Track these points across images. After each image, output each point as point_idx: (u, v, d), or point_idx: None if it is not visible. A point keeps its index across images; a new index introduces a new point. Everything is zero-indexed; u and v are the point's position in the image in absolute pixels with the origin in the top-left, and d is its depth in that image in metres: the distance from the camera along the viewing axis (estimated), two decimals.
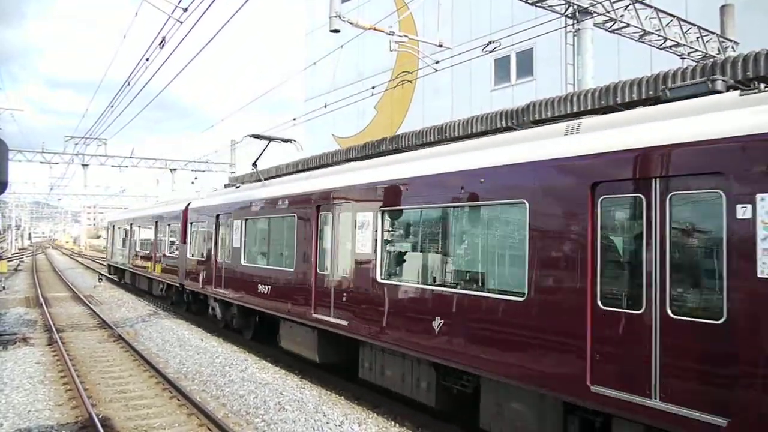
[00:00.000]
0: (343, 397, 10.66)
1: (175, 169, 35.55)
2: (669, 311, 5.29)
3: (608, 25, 14.60)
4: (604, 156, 5.88)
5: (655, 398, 5.30)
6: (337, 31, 13.55)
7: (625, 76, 10.92)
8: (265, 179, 15.86)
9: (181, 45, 11.58)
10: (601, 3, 13.89)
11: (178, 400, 10.40)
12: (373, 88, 17.49)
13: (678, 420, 5.11)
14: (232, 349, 14.78)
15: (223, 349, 14.75)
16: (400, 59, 26.88)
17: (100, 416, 9.28)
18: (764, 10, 17.44)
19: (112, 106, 17.97)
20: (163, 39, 11.28)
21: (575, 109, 11.01)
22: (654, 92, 9.51)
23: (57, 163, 33.30)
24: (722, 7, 17.07)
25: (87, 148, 32.34)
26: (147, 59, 12.34)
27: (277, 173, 20.15)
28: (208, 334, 17.14)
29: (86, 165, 32.60)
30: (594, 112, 10.31)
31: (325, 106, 18.98)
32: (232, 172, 34.90)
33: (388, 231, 9.49)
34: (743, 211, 4.81)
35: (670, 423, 5.19)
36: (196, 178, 36.61)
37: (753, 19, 17.26)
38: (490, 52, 13.84)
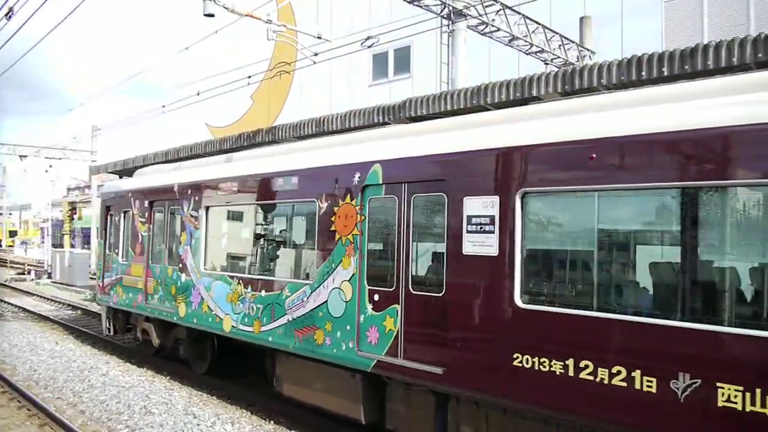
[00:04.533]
0: (215, 397, 10.26)
1: (25, 156, 32.38)
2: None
3: (481, 27, 15.25)
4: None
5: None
6: (211, 15, 12.97)
7: (495, 78, 11.45)
8: None
9: (36, 18, 10.49)
10: (474, 6, 14.46)
11: (29, 410, 9.45)
12: (249, 77, 16.97)
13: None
14: (92, 352, 13.71)
15: (82, 352, 13.63)
16: (278, 49, 26.35)
17: None
18: (616, 24, 19.12)
19: None
20: (11, 10, 10.15)
21: (449, 108, 11.35)
22: (521, 94, 10.06)
23: None
24: (581, 19, 18.47)
25: None
26: None
27: None
28: (65, 336, 15.78)
29: None
30: (467, 111, 10.70)
31: (198, 94, 18.15)
32: (93, 161, 32.41)
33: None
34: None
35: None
36: (50, 166, 33.63)
37: (607, 30, 18.86)
38: (369, 47, 13.94)
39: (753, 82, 5.00)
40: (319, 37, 15.73)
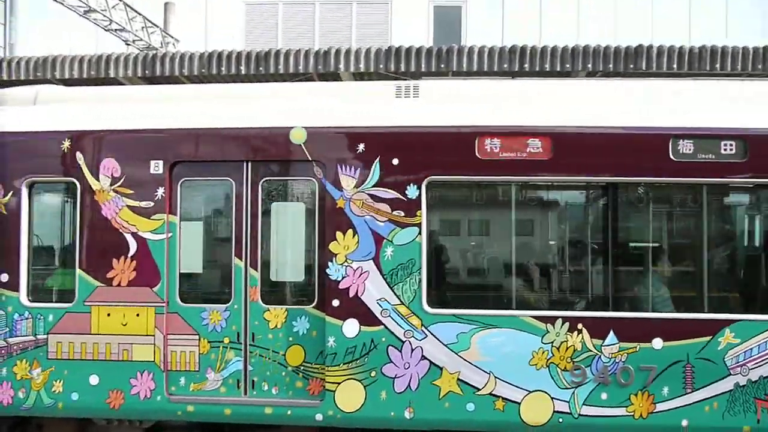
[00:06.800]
0: None
1: None
2: None
3: None
4: None
5: None
6: None
7: (70, 52, 10.35)
8: None
9: None
10: None
11: None
12: None
13: None
14: None
15: None
16: None
17: None
18: (201, 15, 19.40)
19: None
20: None
21: (6, 78, 9.80)
22: (96, 73, 9.36)
23: None
24: (166, 4, 18.07)
25: None
26: None
27: None
28: None
29: None
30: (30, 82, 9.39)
31: None
32: None
33: None
34: None
35: None
36: None
37: (193, 19, 18.94)
38: None
39: None
40: None
